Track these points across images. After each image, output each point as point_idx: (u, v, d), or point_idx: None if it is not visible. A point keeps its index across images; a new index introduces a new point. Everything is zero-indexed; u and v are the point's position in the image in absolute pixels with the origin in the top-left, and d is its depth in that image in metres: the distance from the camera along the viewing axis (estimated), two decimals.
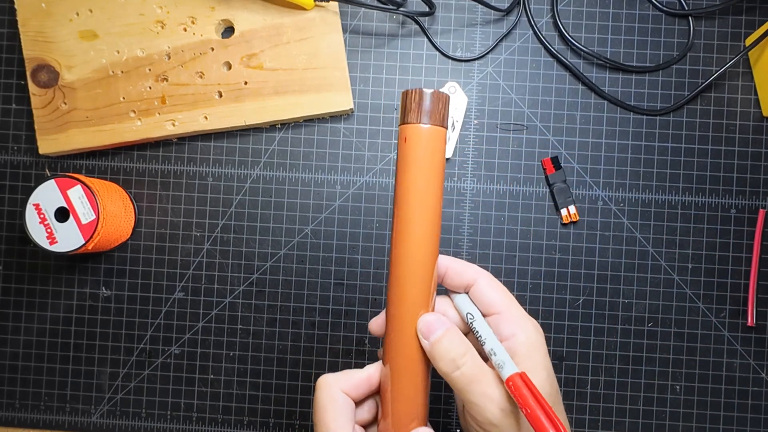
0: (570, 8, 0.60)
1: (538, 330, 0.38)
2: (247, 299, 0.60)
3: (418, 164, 0.37)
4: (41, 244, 0.54)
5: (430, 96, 0.37)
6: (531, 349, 0.36)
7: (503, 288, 0.39)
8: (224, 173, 0.60)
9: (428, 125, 0.37)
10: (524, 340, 0.36)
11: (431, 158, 0.38)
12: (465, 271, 0.39)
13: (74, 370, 0.60)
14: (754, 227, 0.59)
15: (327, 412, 0.37)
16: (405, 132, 0.38)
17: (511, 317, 0.37)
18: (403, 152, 0.38)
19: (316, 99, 0.58)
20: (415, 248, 0.38)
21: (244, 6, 0.58)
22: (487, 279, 0.39)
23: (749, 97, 0.59)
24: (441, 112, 0.38)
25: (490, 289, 0.38)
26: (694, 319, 0.59)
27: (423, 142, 0.37)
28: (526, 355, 0.36)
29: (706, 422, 0.58)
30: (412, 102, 0.38)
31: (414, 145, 0.37)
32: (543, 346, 0.37)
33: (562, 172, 0.59)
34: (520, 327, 0.37)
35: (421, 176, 0.37)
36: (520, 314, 0.37)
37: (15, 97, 0.61)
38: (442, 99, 0.38)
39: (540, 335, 0.37)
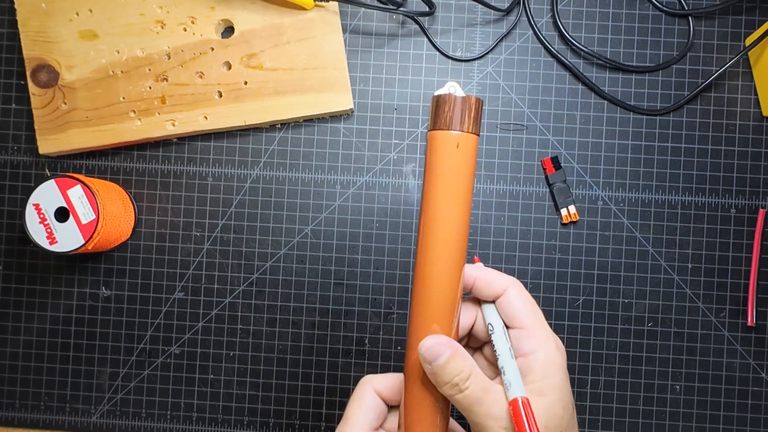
0: (570, 8, 0.60)
1: (560, 350, 0.37)
2: (247, 299, 0.60)
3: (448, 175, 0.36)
4: (41, 244, 0.54)
5: (462, 102, 0.36)
6: (548, 369, 0.35)
7: (531, 301, 0.37)
8: (224, 173, 0.60)
9: (459, 132, 0.36)
10: (542, 360, 0.35)
11: (462, 168, 0.36)
12: (494, 282, 0.38)
13: (74, 370, 0.60)
14: (754, 227, 0.59)
15: (352, 405, 0.38)
16: (435, 139, 0.36)
17: (533, 333, 0.36)
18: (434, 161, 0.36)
19: (316, 99, 0.58)
20: (438, 263, 0.36)
21: (244, 6, 0.58)
22: (516, 290, 0.37)
23: (749, 97, 0.59)
24: (474, 119, 0.36)
25: (517, 301, 0.37)
26: (694, 319, 0.59)
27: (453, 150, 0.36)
28: (542, 376, 0.35)
29: (706, 422, 0.58)
30: (445, 108, 0.36)
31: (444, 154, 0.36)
32: (562, 367, 0.36)
33: (562, 172, 0.59)
34: (541, 345, 0.36)
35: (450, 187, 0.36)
36: (543, 331, 0.37)
37: (15, 97, 0.61)
38: (475, 104, 0.36)
39: (561, 356, 0.36)
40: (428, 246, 0.37)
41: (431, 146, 0.37)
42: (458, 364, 0.35)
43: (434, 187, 0.37)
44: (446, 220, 0.36)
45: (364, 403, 0.38)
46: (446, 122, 0.36)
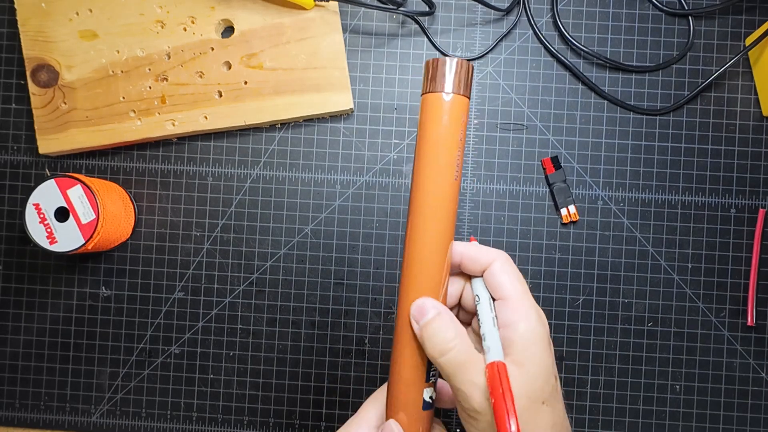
0: (570, 8, 0.60)
1: (542, 322, 0.36)
2: (247, 299, 0.60)
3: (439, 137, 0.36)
4: (41, 244, 0.54)
5: (454, 64, 0.36)
6: (528, 340, 0.35)
7: (516, 274, 0.37)
8: (224, 173, 0.60)
9: (450, 95, 0.36)
10: (523, 331, 0.35)
11: (453, 131, 0.36)
12: (480, 256, 0.38)
13: (74, 370, 0.60)
14: (754, 227, 0.59)
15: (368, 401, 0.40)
16: (427, 102, 0.37)
17: (515, 305, 0.36)
18: (426, 123, 0.37)
19: (316, 99, 0.58)
20: (429, 228, 0.37)
21: (244, 6, 0.58)
22: (501, 263, 0.38)
23: (749, 96, 0.59)
24: (465, 82, 0.36)
25: (501, 273, 0.37)
26: (694, 318, 0.59)
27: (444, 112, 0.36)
28: (523, 347, 0.35)
29: (706, 422, 0.58)
30: (435, 71, 0.36)
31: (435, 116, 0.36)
32: (543, 339, 0.36)
33: (562, 172, 0.59)
34: (523, 316, 0.36)
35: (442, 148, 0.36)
36: (526, 303, 0.36)
37: (15, 96, 0.61)
38: (466, 68, 0.36)
39: (543, 328, 0.36)
40: (419, 209, 0.37)
41: (424, 109, 0.37)
42: (444, 324, 0.35)
43: (426, 148, 0.37)
44: (437, 182, 0.37)
45: (378, 399, 0.39)
46: (438, 85, 0.37)
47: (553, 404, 0.35)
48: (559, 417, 0.35)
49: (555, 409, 0.35)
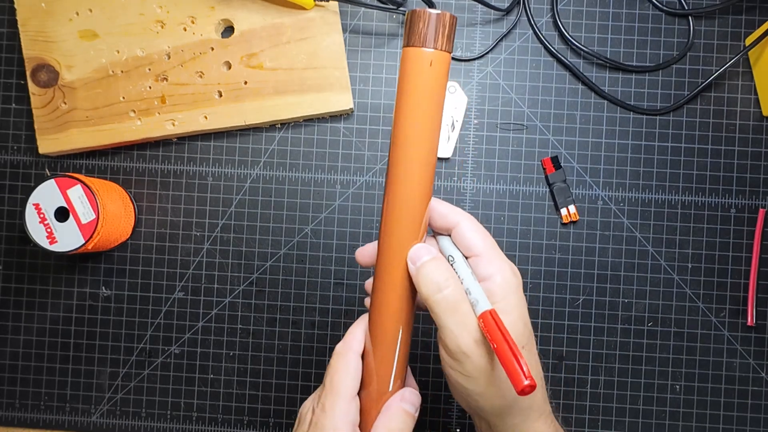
0: (570, 8, 0.60)
1: (515, 273, 0.38)
2: (247, 299, 0.60)
3: (420, 92, 0.36)
4: (41, 244, 0.54)
5: (436, 18, 0.35)
6: (506, 290, 0.37)
7: (484, 232, 0.39)
8: (224, 173, 0.60)
9: (432, 50, 0.35)
10: (500, 282, 0.37)
11: (434, 86, 0.36)
12: (448, 214, 0.39)
13: (74, 370, 0.60)
14: (754, 227, 0.59)
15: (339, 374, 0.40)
16: (408, 55, 0.36)
17: (489, 259, 0.38)
18: (407, 77, 0.36)
19: (316, 99, 0.58)
20: (411, 178, 0.37)
21: (244, 6, 0.58)
22: (469, 222, 0.39)
23: (749, 96, 0.59)
24: (447, 36, 0.36)
25: (471, 232, 0.39)
26: (694, 318, 0.59)
27: (427, 68, 0.36)
28: (502, 296, 0.37)
29: (706, 422, 0.58)
30: (417, 23, 0.35)
31: (416, 71, 0.36)
32: (518, 288, 0.38)
33: (561, 172, 0.59)
34: (498, 269, 0.38)
35: (422, 104, 0.36)
36: (498, 257, 0.38)
37: (15, 96, 0.61)
38: (450, 21, 0.35)
39: (516, 278, 0.38)
40: (398, 161, 0.37)
41: (404, 63, 0.37)
42: (441, 266, 0.37)
43: (406, 103, 0.37)
44: (416, 136, 0.37)
45: (351, 370, 0.40)
46: (420, 39, 0.36)
47: (530, 348, 0.38)
48: (534, 360, 0.39)
49: (531, 352, 0.38)
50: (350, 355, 0.40)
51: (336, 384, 0.39)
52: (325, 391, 0.40)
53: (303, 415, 0.41)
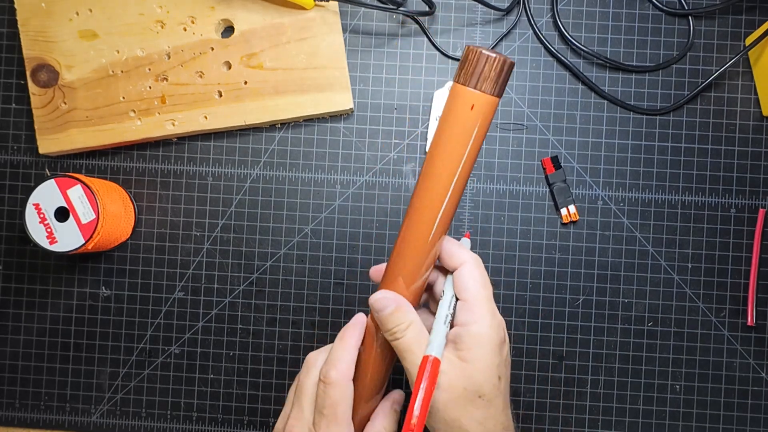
0: (570, 8, 0.60)
1: (494, 328, 0.39)
2: (247, 299, 0.60)
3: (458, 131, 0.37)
4: (41, 244, 0.54)
5: (488, 60, 0.35)
6: (476, 341, 0.39)
7: (483, 279, 0.40)
8: (224, 173, 0.60)
9: (477, 92, 0.36)
10: (473, 332, 0.39)
11: (472, 128, 0.37)
12: (455, 255, 0.41)
13: (74, 370, 0.60)
14: (754, 227, 0.59)
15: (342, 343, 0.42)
16: (454, 92, 0.36)
17: (473, 307, 0.39)
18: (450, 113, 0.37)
19: (316, 99, 0.58)
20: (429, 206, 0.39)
21: (244, 5, 0.58)
22: (470, 267, 0.41)
23: (749, 96, 0.59)
24: (495, 81, 0.36)
25: (467, 277, 0.40)
26: (694, 318, 0.59)
27: (482, 111, 0.36)
28: (469, 346, 0.39)
29: (706, 422, 0.58)
30: (473, 63, 0.35)
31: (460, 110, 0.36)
32: (492, 342, 0.39)
33: (561, 172, 0.59)
34: (476, 319, 0.39)
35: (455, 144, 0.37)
36: (483, 308, 0.39)
37: (15, 96, 0.61)
38: (503, 66, 0.35)
39: (495, 335, 0.39)
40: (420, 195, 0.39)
41: (450, 98, 0.37)
42: (399, 316, 0.39)
43: (441, 141, 0.37)
44: (443, 177, 0.38)
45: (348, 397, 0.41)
46: (467, 78, 0.36)
47: (490, 399, 0.39)
48: (496, 411, 0.39)
49: (492, 404, 0.39)
50: (347, 384, 0.41)
51: (339, 415, 0.40)
52: (326, 419, 0.40)
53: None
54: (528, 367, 0.59)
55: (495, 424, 0.39)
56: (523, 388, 0.59)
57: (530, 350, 0.59)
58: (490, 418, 0.39)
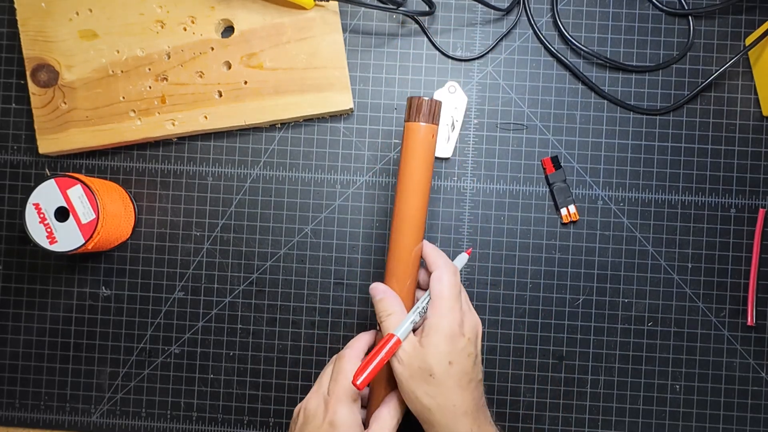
0: (570, 8, 0.60)
1: (450, 322, 0.47)
2: (247, 299, 0.60)
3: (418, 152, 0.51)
4: (41, 244, 0.54)
5: (428, 102, 0.51)
6: (433, 332, 0.47)
7: (450, 283, 0.49)
8: (224, 173, 0.60)
9: (425, 124, 0.51)
10: (432, 324, 0.47)
11: (430, 147, 0.51)
12: (433, 260, 0.51)
13: (74, 370, 0.60)
14: (754, 227, 0.59)
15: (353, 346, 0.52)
16: (411, 128, 0.51)
17: (436, 303, 0.48)
18: (409, 143, 0.51)
19: (316, 99, 0.58)
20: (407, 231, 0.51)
21: (244, 5, 0.58)
22: (441, 271, 0.49)
23: (749, 96, 0.59)
24: (435, 114, 0.51)
25: (436, 280, 0.49)
26: (694, 318, 0.59)
27: (431, 134, 0.51)
28: (426, 334, 0.47)
29: (706, 422, 0.58)
30: (416, 106, 0.51)
31: (416, 138, 0.51)
32: (445, 334, 0.47)
33: (561, 172, 0.59)
34: (437, 313, 0.48)
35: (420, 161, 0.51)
36: (446, 305, 0.48)
37: (15, 96, 0.61)
38: (437, 104, 0.51)
39: (450, 327, 0.47)
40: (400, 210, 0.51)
41: (406, 133, 0.51)
42: (385, 305, 0.49)
43: (408, 161, 0.51)
44: (415, 191, 0.51)
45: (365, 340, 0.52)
46: (417, 116, 0.51)
47: (440, 379, 0.46)
48: (446, 390, 0.47)
49: (442, 383, 0.47)
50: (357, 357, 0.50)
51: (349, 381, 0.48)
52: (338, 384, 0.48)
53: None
54: (528, 367, 0.59)
55: (445, 401, 0.47)
56: (523, 388, 0.59)
57: (530, 350, 0.59)
58: (440, 394, 0.47)
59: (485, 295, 0.59)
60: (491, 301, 0.59)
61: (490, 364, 0.59)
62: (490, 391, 0.59)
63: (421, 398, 0.47)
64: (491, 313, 0.59)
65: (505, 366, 0.59)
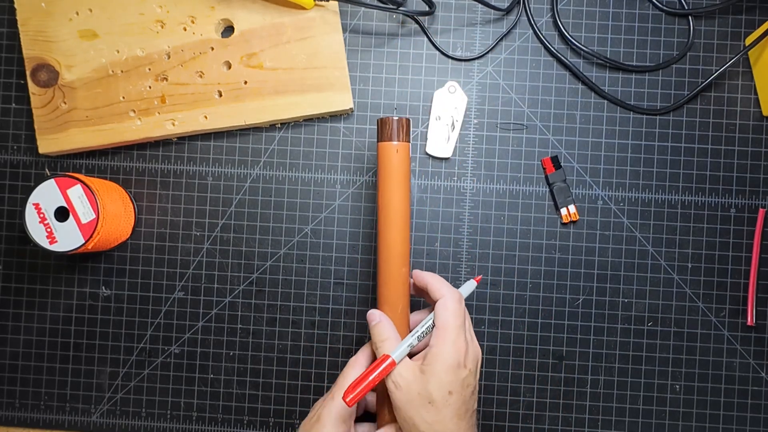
0: (570, 8, 0.60)
1: (453, 352, 0.47)
2: (247, 299, 0.60)
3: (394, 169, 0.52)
4: (41, 244, 0.54)
5: (398, 122, 0.51)
6: (435, 360, 0.47)
7: (455, 311, 0.49)
8: (224, 173, 0.60)
9: (397, 142, 0.52)
10: (435, 352, 0.47)
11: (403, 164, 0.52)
12: (436, 289, 0.50)
13: (74, 369, 0.60)
14: (754, 227, 0.59)
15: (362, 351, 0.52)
16: (383, 148, 0.52)
17: (440, 332, 0.48)
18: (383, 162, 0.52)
19: (316, 99, 0.58)
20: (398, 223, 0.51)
21: (244, 5, 0.58)
22: (446, 300, 0.49)
23: (749, 96, 0.59)
24: (406, 132, 0.52)
25: (441, 308, 0.49)
26: (694, 318, 0.59)
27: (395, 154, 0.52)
28: (429, 363, 0.47)
29: (706, 422, 0.58)
30: (387, 127, 0.52)
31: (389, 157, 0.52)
32: (448, 364, 0.47)
33: (561, 172, 0.59)
34: (439, 343, 0.48)
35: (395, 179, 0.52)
36: (450, 335, 0.48)
37: (15, 96, 0.61)
38: (406, 123, 0.52)
39: (453, 357, 0.47)
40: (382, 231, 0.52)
41: (381, 153, 0.52)
42: (380, 331, 0.50)
43: (384, 179, 0.51)
44: (396, 207, 0.51)
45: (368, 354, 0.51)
46: (389, 136, 0.51)
47: (439, 407, 0.47)
48: (444, 418, 0.47)
49: (441, 412, 0.47)
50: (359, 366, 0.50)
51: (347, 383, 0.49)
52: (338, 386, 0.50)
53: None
54: (528, 367, 0.59)
55: (442, 428, 0.47)
56: (523, 388, 0.59)
57: (530, 350, 0.59)
58: (438, 422, 0.47)
59: (485, 295, 0.59)
60: (491, 301, 0.59)
61: (490, 364, 0.59)
62: (490, 391, 0.59)
63: (419, 425, 0.47)
64: (491, 313, 0.59)
65: (505, 366, 0.59)
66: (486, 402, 0.54)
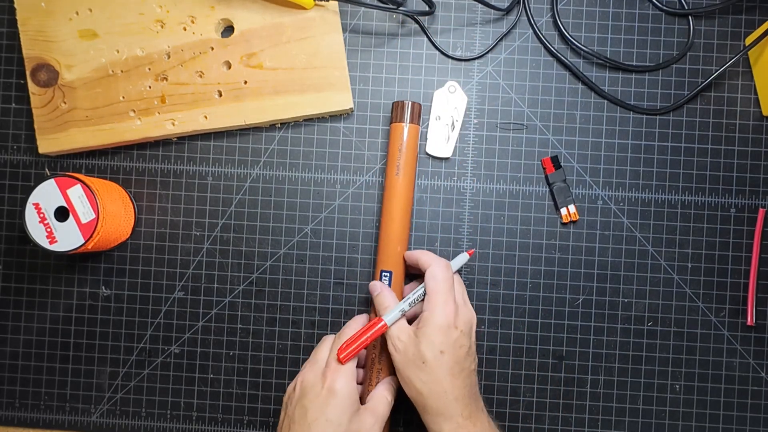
0: (570, 8, 0.60)
1: (443, 315, 0.51)
2: (247, 299, 0.60)
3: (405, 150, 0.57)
4: (41, 244, 0.54)
5: (411, 105, 0.57)
6: (427, 323, 0.51)
7: (443, 276, 0.52)
8: (224, 173, 0.60)
9: (410, 124, 0.57)
10: (426, 316, 0.51)
11: (413, 145, 0.57)
12: (424, 261, 0.54)
13: (74, 369, 0.60)
14: (754, 227, 0.59)
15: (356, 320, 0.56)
16: (396, 128, 0.57)
17: (430, 297, 0.52)
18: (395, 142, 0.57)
19: (316, 99, 0.58)
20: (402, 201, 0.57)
21: (244, 5, 0.58)
22: (434, 268, 0.53)
23: (749, 96, 0.59)
24: (417, 115, 0.57)
25: (429, 277, 0.53)
26: (694, 318, 0.59)
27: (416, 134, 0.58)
28: (421, 326, 0.51)
29: (706, 422, 0.58)
30: (399, 108, 0.57)
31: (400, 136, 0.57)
32: (438, 326, 0.50)
33: (561, 172, 0.59)
34: (431, 307, 0.52)
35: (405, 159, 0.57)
36: (439, 299, 0.52)
37: (15, 96, 0.61)
38: (418, 107, 0.58)
39: (443, 319, 0.51)
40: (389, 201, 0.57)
41: (392, 133, 0.57)
42: (381, 298, 0.54)
43: (392, 157, 0.57)
44: (404, 184, 0.56)
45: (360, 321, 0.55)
46: (401, 118, 0.57)
47: (432, 367, 0.50)
48: (437, 377, 0.50)
49: (434, 370, 0.50)
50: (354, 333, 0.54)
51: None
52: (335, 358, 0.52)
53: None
54: (528, 367, 0.59)
55: (436, 386, 0.50)
56: (523, 388, 0.59)
57: (530, 350, 0.59)
58: (432, 381, 0.50)
59: (485, 295, 0.59)
60: (491, 301, 0.59)
61: (490, 364, 0.59)
62: (490, 390, 0.59)
63: (415, 383, 0.50)
64: (491, 313, 0.59)
65: (505, 366, 0.59)
66: (486, 402, 0.54)
